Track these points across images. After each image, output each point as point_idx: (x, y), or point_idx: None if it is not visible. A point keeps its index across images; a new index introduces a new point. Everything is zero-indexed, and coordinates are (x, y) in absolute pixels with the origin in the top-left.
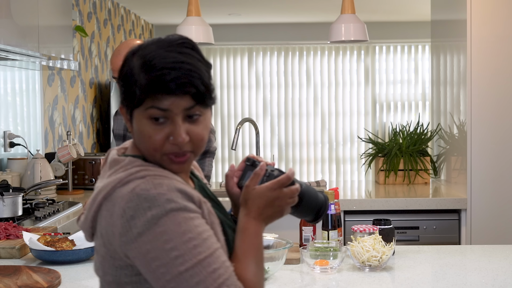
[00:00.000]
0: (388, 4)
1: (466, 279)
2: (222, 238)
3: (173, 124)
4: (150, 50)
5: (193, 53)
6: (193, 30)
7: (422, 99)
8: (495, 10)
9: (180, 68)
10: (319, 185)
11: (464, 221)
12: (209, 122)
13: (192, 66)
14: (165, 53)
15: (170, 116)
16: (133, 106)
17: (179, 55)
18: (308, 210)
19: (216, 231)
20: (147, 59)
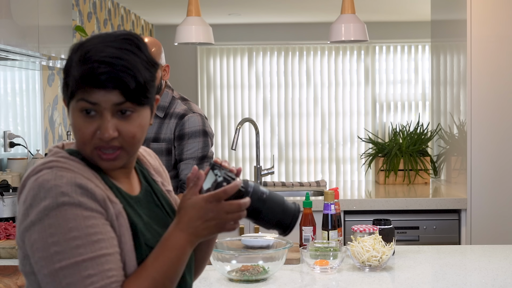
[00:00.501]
0: (388, 4)
1: (466, 279)
2: (130, 244)
3: (102, 118)
4: (91, 43)
5: (135, 50)
6: (193, 30)
7: (422, 99)
8: (495, 10)
9: (113, 63)
10: (319, 185)
11: (464, 221)
12: (145, 121)
13: (127, 62)
14: (104, 47)
15: (99, 110)
16: (68, 98)
17: (117, 50)
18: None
19: (122, 234)
20: (84, 51)
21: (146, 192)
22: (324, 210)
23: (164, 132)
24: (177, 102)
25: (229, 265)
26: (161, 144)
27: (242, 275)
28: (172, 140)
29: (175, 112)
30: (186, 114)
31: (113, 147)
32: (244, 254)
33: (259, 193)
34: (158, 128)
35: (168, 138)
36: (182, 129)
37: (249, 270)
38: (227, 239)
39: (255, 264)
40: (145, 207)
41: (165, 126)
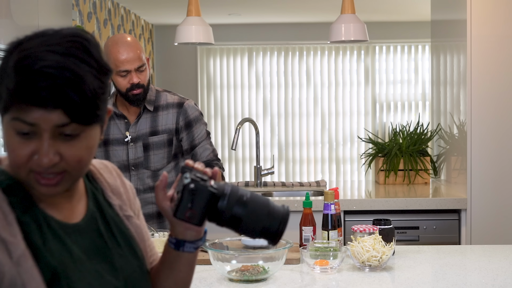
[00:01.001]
0: (388, 4)
1: (466, 279)
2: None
3: (40, 140)
4: (31, 45)
5: (84, 55)
6: (193, 30)
7: (422, 99)
8: (495, 10)
9: (56, 75)
10: (319, 185)
11: (464, 221)
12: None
13: (74, 73)
14: (46, 52)
15: (38, 131)
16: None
17: (62, 57)
18: (253, 232)
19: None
20: (22, 56)
21: (91, 218)
22: (324, 210)
23: (162, 123)
24: (162, 93)
25: (229, 265)
26: (161, 136)
27: (242, 275)
28: (174, 130)
29: (169, 102)
30: (182, 102)
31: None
32: (244, 254)
33: (237, 195)
34: (152, 121)
35: (168, 129)
36: (187, 116)
37: (249, 270)
38: (227, 239)
39: (255, 264)
40: (85, 237)
41: (161, 118)
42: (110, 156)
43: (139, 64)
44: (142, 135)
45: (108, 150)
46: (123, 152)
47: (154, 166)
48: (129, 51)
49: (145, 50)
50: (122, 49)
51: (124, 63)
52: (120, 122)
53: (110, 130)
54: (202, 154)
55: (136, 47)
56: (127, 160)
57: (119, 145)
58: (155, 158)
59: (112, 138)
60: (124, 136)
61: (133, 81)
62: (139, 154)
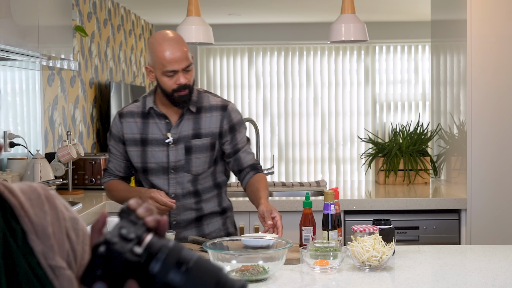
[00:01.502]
0: (388, 4)
1: (466, 279)
2: None
3: None
4: None
5: None
6: (193, 30)
7: (422, 99)
8: (495, 10)
9: None
10: (319, 185)
11: (464, 221)
12: None
13: None
14: None
15: None
16: None
17: None
18: None
19: None
20: None
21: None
22: (324, 210)
23: (205, 126)
24: (205, 95)
25: (229, 265)
26: (205, 140)
27: (242, 275)
28: (217, 134)
29: (212, 104)
30: (226, 105)
31: None
32: (244, 254)
33: (175, 259)
34: (195, 123)
35: (211, 132)
36: (231, 120)
37: (249, 270)
38: (227, 239)
39: (255, 264)
40: None
41: (203, 120)
42: (148, 156)
43: (186, 64)
44: (184, 137)
45: (146, 150)
46: (163, 154)
47: (196, 170)
48: (176, 49)
49: (145, 50)
50: (169, 47)
51: (172, 63)
52: (160, 122)
53: (149, 129)
54: (245, 158)
55: (183, 45)
56: (167, 163)
57: (159, 145)
58: (197, 162)
59: (151, 138)
60: (165, 137)
61: (180, 81)
62: (180, 157)
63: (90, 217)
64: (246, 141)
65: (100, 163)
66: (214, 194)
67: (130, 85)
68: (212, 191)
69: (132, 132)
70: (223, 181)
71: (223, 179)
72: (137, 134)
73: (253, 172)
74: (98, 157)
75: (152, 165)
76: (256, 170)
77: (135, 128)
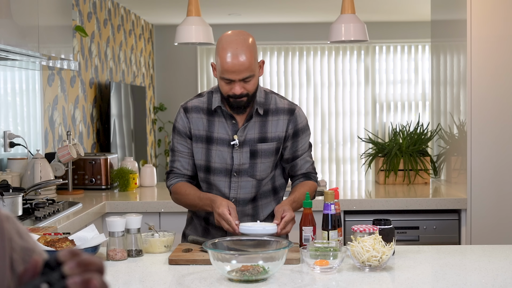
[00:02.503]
0: (388, 4)
1: (466, 279)
2: None
3: None
4: None
5: None
6: (193, 30)
7: (422, 99)
8: (495, 10)
9: None
10: (319, 185)
11: (464, 221)
12: None
13: None
14: None
15: None
16: None
17: None
18: None
19: None
20: None
21: None
22: (324, 210)
23: (271, 130)
24: (272, 96)
25: (229, 265)
26: (271, 144)
27: (242, 275)
28: (283, 139)
29: (279, 107)
30: (293, 108)
31: None
32: (244, 254)
33: None
34: (261, 126)
35: (277, 136)
36: (296, 124)
37: (249, 270)
38: (227, 239)
39: (255, 264)
40: None
41: (270, 123)
42: (212, 155)
43: (245, 76)
44: (250, 140)
45: (211, 149)
46: (227, 155)
47: (260, 175)
48: (237, 59)
49: (145, 50)
50: (230, 55)
51: (229, 72)
52: (226, 122)
53: (215, 127)
54: (302, 166)
55: (247, 53)
56: (231, 165)
57: (223, 146)
58: (262, 166)
59: (216, 137)
60: (231, 138)
61: (235, 91)
62: (244, 160)
63: (90, 217)
64: (307, 148)
65: (100, 163)
66: (271, 199)
67: (130, 85)
68: (269, 196)
69: (198, 128)
70: (281, 184)
71: (281, 182)
72: (203, 131)
73: (304, 179)
74: (98, 157)
75: (215, 164)
76: (307, 177)
77: (201, 124)
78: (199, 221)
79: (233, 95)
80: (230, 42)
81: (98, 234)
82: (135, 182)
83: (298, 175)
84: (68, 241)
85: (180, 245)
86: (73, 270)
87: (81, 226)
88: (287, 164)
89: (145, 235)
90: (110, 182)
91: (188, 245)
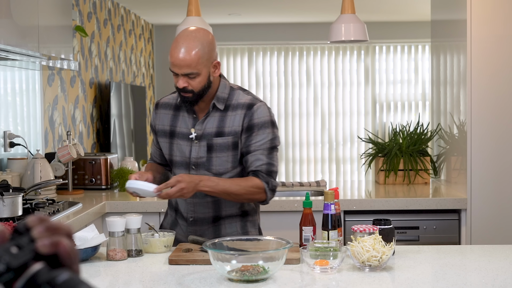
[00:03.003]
0: (388, 4)
1: (466, 279)
2: None
3: None
4: None
5: None
6: None
7: (422, 99)
8: (495, 10)
9: None
10: (319, 185)
11: (464, 221)
12: None
13: None
14: None
15: None
16: None
17: None
18: None
19: None
20: None
21: None
22: (324, 210)
23: (228, 125)
24: (237, 92)
25: (229, 265)
26: (226, 139)
27: (242, 275)
28: (239, 133)
29: (240, 102)
30: (253, 103)
31: None
32: (244, 254)
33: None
34: (220, 121)
35: (234, 131)
36: (251, 119)
37: (249, 270)
38: (227, 239)
39: (255, 264)
40: None
41: (229, 118)
42: (174, 149)
43: (186, 72)
44: (208, 134)
45: (172, 143)
46: (186, 149)
47: (216, 169)
48: (181, 53)
49: (145, 50)
50: (176, 48)
51: (173, 65)
52: (188, 116)
53: (178, 122)
54: (252, 162)
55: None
56: (189, 158)
57: (183, 140)
58: (217, 160)
59: (178, 131)
60: (189, 132)
61: (178, 84)
62: (202, 154)
63: (90, 217)
64: (263, 147)
65: (100, 163)
66: None
67: (130, 85)
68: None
69: (163, 124)
70: None
71: None
72: (167, 126)
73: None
74: (98, 157)
75: (176, 158)
76: (255, 175)
77: (166, 119)
78: (170, 211)
79: (176, 88)
80: (182, 36)
81: (98, 234)
82: None
83: (249, 173)
84: None
85: (180, 245)
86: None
87: (81, 226)
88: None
89: (145, 235)
90: (110, 182)
91: (188, 245)
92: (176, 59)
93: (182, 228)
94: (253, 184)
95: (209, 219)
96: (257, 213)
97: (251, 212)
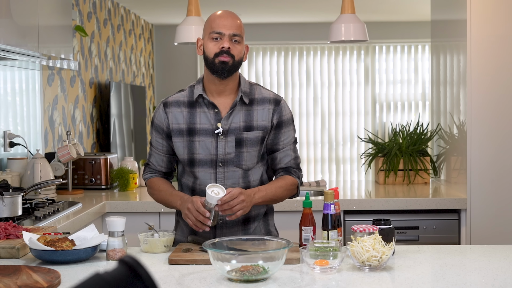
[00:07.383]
0: (388, 4)
1: (466, 279)
2: None
3: None
4: None
5: None
6: (193, 30)
7: (422, 99)
8: (495, 10)
9: None
10: (319, 185)
11: (464, 221)
12: None
13: None
14: None
15: None
16: None
17: None
18: None
19: None
20: None
21: None
22: (324, 210)
23: (257, 119)
24: (256, 86)
25: (229, 265)
26: (257, 133)
27: (242, 275)
28: (268, 128)
29: (265, 97)
30: (279, 99)
31: None
32: (244, 254)
33: None
34: (247, 115)
35: (263, 125)
36: (281, 116)
37: (249, 270)
38: (227, 239)
39: (255, 264)
40: None
41: (255, 112)
42: (195, 147)
43: (234, 31)
44: (236, 129)
45: (193, 141)
46: (211, 145)
47: (246, 165)
48: (228, 17)
49: (145, 50)
50: (222, 14)
51: (220, 25)
52: (209, 111)
53: (197, 118)
54: (282, 159)
55: (238, 19)
56: (216, 155)
57: (207, 136)
58: (248, 156)
59: (199, 128)
60: (214, 127)
61: (224, 45)
62: (230, 150)
63: (90, 217)
64: (289, 142)
65: (100, 163)
66: None
67: (130, 85)
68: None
69: (178, 122)
70: (265, 181)
71: (265, 178)
72: (183, 124)
73: (284, 173)
74: (98, 157)
75: (200, 156)
76: (287, 172)
77: (181, 118)
78: (184, 222)
79: (220, 51)
80: (223, 11)
81: (98, 234)
82: (135, 182)
83: (278, 169)
84: (68, 241)
85: (180, 245)
86: None
87: (81, 226)
88: (268, 157)
89: (145, 235)
90: (110, 182)
91: (188, 245)
92: (225, 19)
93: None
94: (291, 183)
95: (239, 221)
96: (273, 213)
97: (270, 211)
